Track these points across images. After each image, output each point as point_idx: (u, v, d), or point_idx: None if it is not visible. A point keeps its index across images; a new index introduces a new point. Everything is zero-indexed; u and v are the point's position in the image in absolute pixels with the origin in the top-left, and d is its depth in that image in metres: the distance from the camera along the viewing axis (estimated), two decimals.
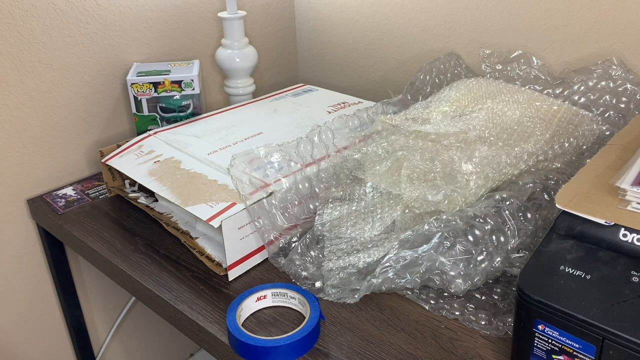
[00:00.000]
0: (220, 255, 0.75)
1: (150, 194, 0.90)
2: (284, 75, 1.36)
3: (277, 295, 0.67)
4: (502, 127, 0.79)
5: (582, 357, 0.48)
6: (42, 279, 1.02)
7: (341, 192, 0.78)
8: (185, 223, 0.82)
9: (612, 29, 0.88)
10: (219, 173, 0.80)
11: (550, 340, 0.50)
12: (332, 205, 0.77)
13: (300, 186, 0.78)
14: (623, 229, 0.52)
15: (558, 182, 0.72)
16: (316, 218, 0.76)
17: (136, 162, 0.86)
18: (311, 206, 0.79)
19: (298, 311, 0.67)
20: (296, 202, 0.77)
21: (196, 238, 0.78)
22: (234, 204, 0.73)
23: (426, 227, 0.65)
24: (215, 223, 0.69)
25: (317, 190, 0.79)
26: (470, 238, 0.63)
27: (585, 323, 0.47)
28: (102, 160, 0.90)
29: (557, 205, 0.55)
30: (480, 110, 0.83)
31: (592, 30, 0.90)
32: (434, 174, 0.71)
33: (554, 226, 0.57)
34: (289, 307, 0.67)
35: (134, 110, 0.98)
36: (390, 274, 0.64)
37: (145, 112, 0.99)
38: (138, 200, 0.89)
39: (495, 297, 0.66)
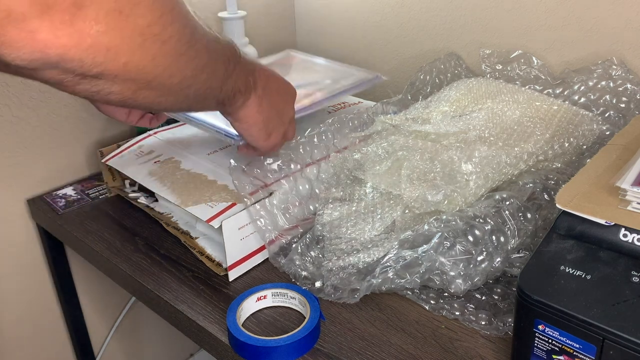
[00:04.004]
0: (221, 256, 0.75)
1: (150, 194, 0.90)
2: None
3: (277, 295, 0.67)
4: (502, 127, 0.79)
5: (583, 357, 0.48)
6: (42, 279, 1.02)
7: (341, 193, 0.78)
8: (185, 223, 0.82)
9: (612, 29, 0.88)
10: (219, 173, 0.80)
11: (550, 341, 0.50)
12: (332, 205, 0.77)
13: (301, 187, 0.78)
14: (623, 229, 0.52)
15: (558, 182, 0.72)
16: (316, 218, 0.76)
17: (136, 162, 0.86)
18: (311, 207, 0.79)
19: (298, 311, 0.67)
20: (296, 203, 0.77)
21: (196, 238, 0.78)
22: (234, 204, 0.72)
23: (426, 227, 0.65)
24: (215, 223, 0.69)
25: (317, 190, 0.79)
26: (470, 238, 0.63)
27: (585, 323, 0.47)
28: (102, 160, 0.90)
29: (557, 205, 0.55)
30: (480, 110, 0.83)
31: (592, 30, 0.90)
32: (434, 174, 0.71)
33: (554, 226, 0.57)
34: (289, 307, 0.67)
35: None
36: (390, 274, 0.64)
37: None
38: (138, 200, 0.89)
39: (495, 297, 0.66)
